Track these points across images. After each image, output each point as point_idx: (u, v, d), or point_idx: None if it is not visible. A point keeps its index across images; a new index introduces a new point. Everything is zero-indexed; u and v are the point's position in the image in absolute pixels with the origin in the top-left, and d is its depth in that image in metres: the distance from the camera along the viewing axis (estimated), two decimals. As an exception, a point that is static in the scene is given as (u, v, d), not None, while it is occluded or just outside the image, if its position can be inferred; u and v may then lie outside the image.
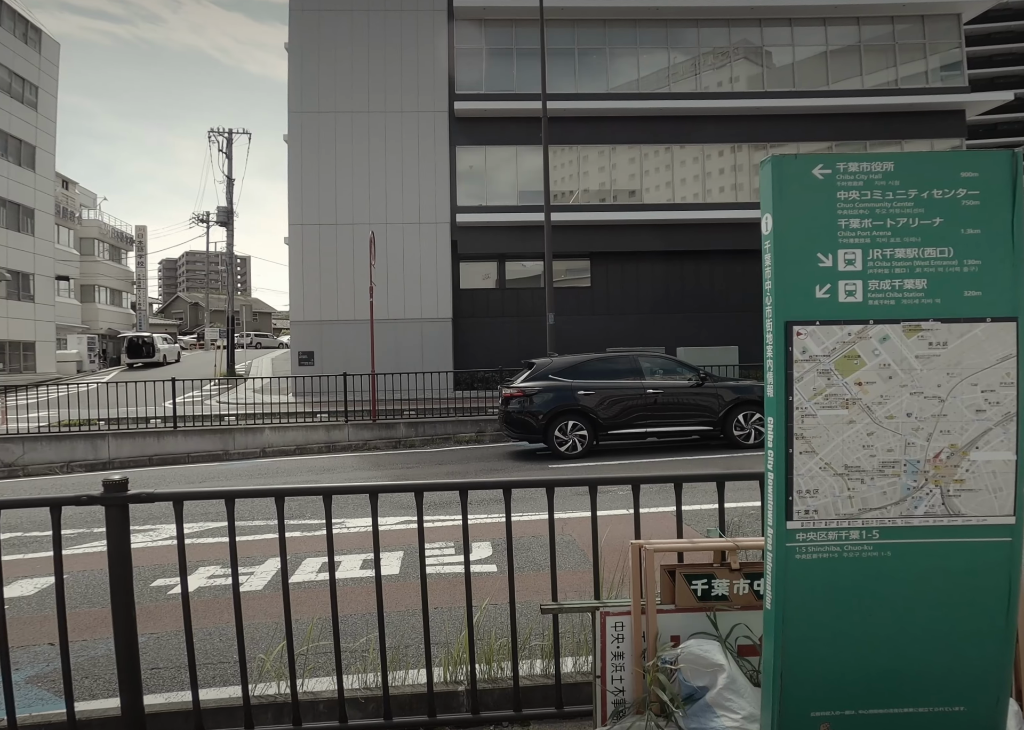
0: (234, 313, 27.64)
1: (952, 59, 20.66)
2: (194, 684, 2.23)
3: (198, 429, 12.11)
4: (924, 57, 20.51)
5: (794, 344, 1.80)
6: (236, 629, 2.27)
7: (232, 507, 2.27)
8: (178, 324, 65.44)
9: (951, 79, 20.54)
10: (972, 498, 1.81)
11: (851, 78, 20.55)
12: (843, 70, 20.57)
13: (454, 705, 2.41)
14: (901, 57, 20.51)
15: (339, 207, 19.76)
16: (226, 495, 2.28)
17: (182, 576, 2.24)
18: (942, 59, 20.65)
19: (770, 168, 1.84)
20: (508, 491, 2.41)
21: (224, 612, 3.88)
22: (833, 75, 20.57)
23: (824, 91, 20.22)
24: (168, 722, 2.31)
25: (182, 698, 2.56)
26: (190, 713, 2.24)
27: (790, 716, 1.77)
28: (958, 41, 20.59)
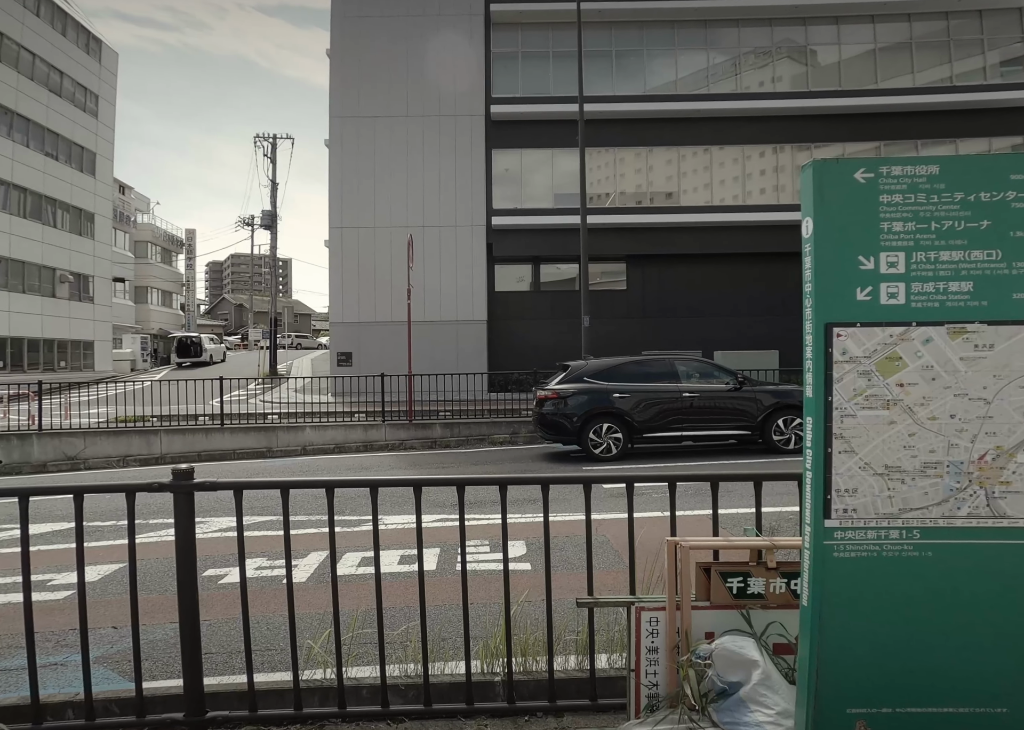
0: (277, 315, 28.36)
1: (1013, 54, 19.85)
2: (249, 667, 2.35)
3: (243, 427, 12.51)
4: (982, 53, 19.79)
5: (834, 345, 1.82)
6: (288, 615, 2.39)
7: (287, 497, 2.39)
8: (224, 325, 67.34)
9: (1012, 75, 19.74)
10: (1019, 500, 1.80)
11: (901, 76, 19.93)
12: (892, 68, 19.98)
13: (490, 695, 2.48)
14: (956, 53, 19.83)
15: (377, 210, 20.09)
16: (281, 486, 2.41)
17: (241, 563, 2.37)
18: (1002, 54, 19.87)
19: (811, 172, 1.87)
20: (546, 487, 2.47)
21: (271, 602, 4.03)
22: (882, 73, 20.00)
23: (872, 90, 19.70)
24: (224, 702, 2.44)
25: (237, 680, 2.69)
26: (244, 694, 2.36)
27: (826, 713, 1.78)
28: (1020, 35, 19.79)
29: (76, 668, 2.34)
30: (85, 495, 2.40)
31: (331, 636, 2.88)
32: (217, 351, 33.90)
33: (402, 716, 2.34)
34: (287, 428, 12.64)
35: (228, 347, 41.56)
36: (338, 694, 2.32)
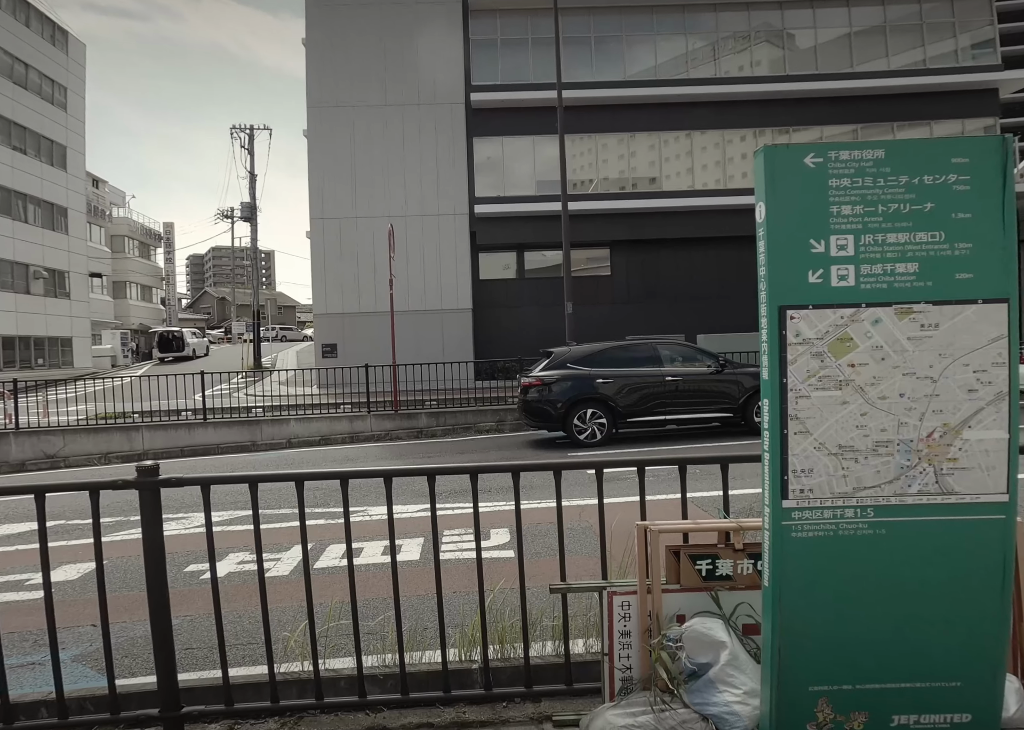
0: (260, 307, 28.13)
1: (984, 37, 20.05)
2: (223, 660, 2.36)
3: (227, 421, 12.45)
4: (954, 36, 19.95)
5: (788, 328, 1.86)
6: (262, 610, 2.39)
7: (255, 491, 2.39)
8: (206, 318, 66.69)
9: (983, 57, 19.93)
10: (965, 476, 1.86)
11: (877, 60, 20.05)
12: (868, 51, 20.08)
13: (468, 682, 2.51)
14: (929, 37, 19.97)
15: (359, 200, 19.94)
16: (249, 480, 2.41)
17: (211, 558, 2.38)
18: (973, 37, 20.06)
19: (763, 158, 1.90)
20: (517, 475, 2.50)
21: (253, 596, 4.03)
22: (858, 57, 20.10)
23: (849, 73, 19.78)
24: (201, 697, 2.44)
25: (214, 675, 2.71)
26: (220, 688, 2.37)
27: (789, 691, 1.83)
28: (990, 18, 19.98)
29: (56, 666, 2.34)
30: (62, 493, 2.38)
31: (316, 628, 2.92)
32: (200, 345, 33.59)
33: (380, 706, 2.37)
34: (271, 421, 12.60)
35: (211, 341, 41.20)
36: (315, 686, 2.35)
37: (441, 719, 2.30)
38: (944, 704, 1.84)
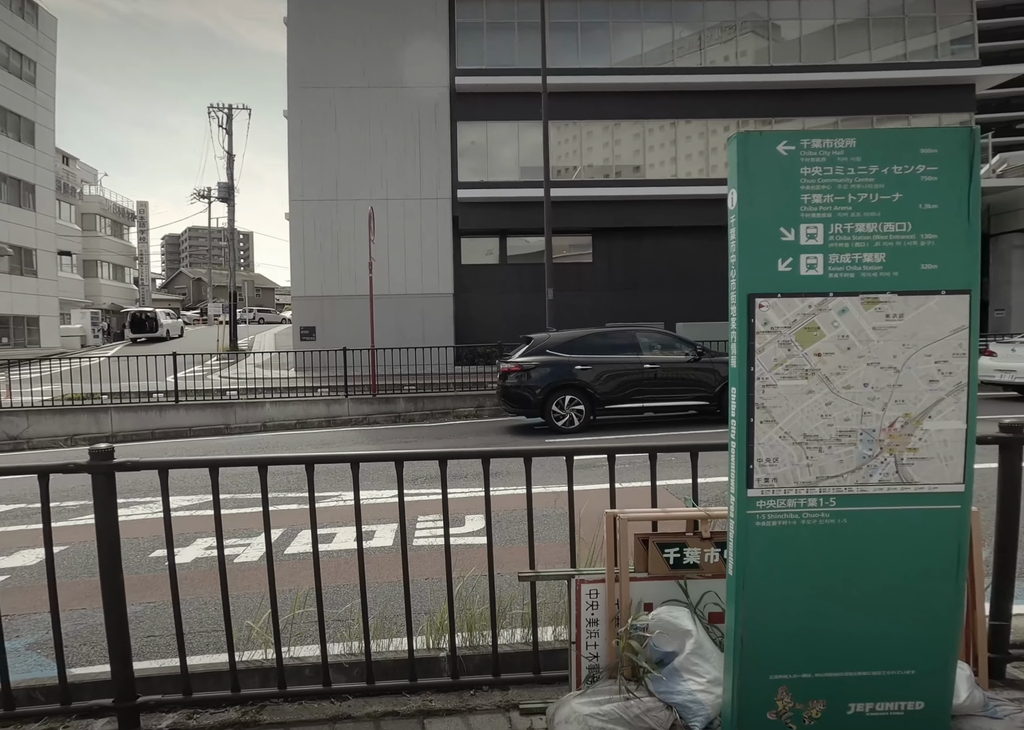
0: (236, 288, 27.68)
1: (963, 32, 20.26)
2: (181, 650, 2.30)
3: (200, 403, 12.26)
4: (934, 31, 20.14)
5: (756, 316, 1.85)
6: (222, 596, 2.34)
7: (216, 476, 2.34)
8: (181, 299, 65.57)
9: (962, 53, 20.16)
10: (924, 466, 1.88)
11: (859, 53, 20.18)
12: (851, 44, 20.20)
13: (435, 671, 2.50)
14: (911, 31, 20.13)
15: (340, 182, 19.68)
16: (210, 464, 2.34)
17: (168, 544, 2.33)
18: (953, 33, 20.26)
19: (736, 144, 1.88)
20: (486, 461, 2.48)
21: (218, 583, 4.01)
22: (841, 49, 20.20)
23: (832, 65, 19.88)
24: (159, 686, 2.38)
25: (173, 664, 2.63)
26: (179, 677, 2.31)
27: (750, 679, 1.85)
28: (969, 14, 20.17)
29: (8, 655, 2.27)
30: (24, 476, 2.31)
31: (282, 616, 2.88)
32: (174, 326, 32.93)
33: (346, 694, 2.35)
34: (246, 404, 12.43)
35: (186, 322, 40.46)
36: (278, 674, 2.31)
37: (407, 707, 2.28)
38: (899, 692, 1.87)
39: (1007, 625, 2.47)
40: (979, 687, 2.07)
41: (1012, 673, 2.48)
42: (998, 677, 2.44)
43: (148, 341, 29.70)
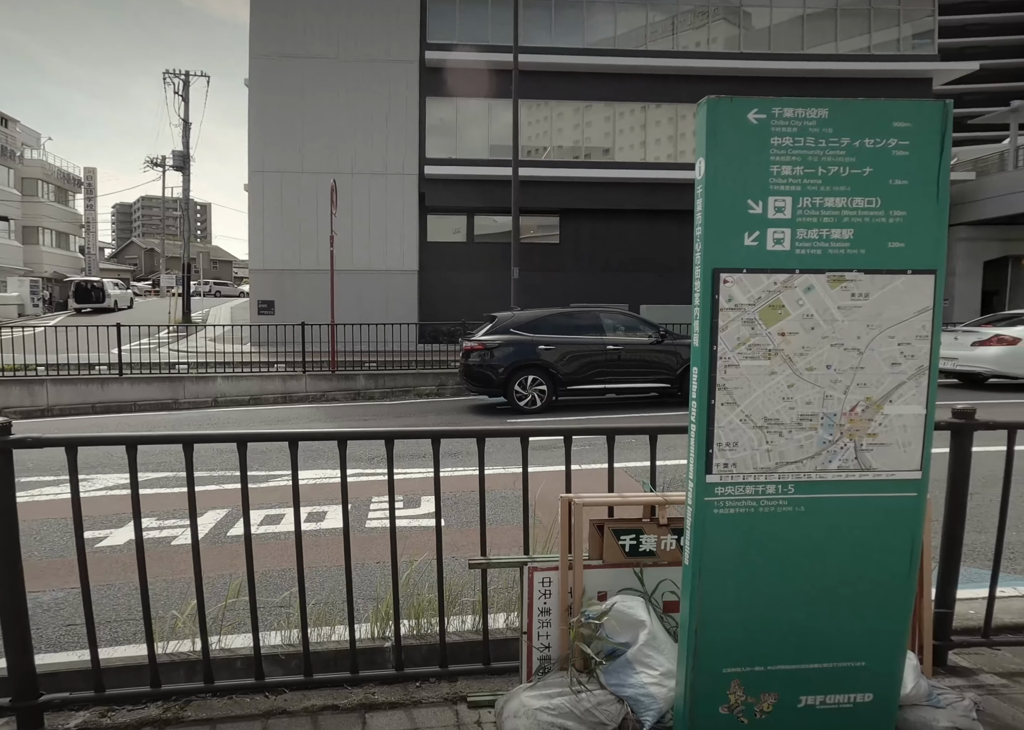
0: (190, 260, 26.68)
1: (924, 27, 20.64)
2: (92, 641, 2.12)
3: (146, 377, 11.73)
4: (898, 24, 20.45)
5: (720, 292, 1.76)
6: (140, 581, 2.16)
7: (134, 454, 2.15)
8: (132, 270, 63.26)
9: (922, 47, 20.55)
10: (883, 452, 1.83)
11: (826, 43, 20.43)
12: (819, 35, 20.44)
13: (380, 662, 2.37)
14: (876, 23, 20.41)
15: (303, 155, 19.14)
16: (127, 441, 2.14)
17: (77, 528, 2.13)
18: (915, 27, 20.63)
19: (705, 110, 1.78)
20: (437, 441, 2.36)
21: (153, 566, 3.76)
22: (809, 40, 20.40)
23: (799, 55, 20.03)
24: (67, 681, 2.19)
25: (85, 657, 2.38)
26: (90, 672, 2.12)
27: (703, 672, 1.79)
28: (931, 8, 20.49)
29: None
30: None
31: (217, 604, 2.72)
32: (123, 297, 31.47)
33: (282, 687, 2.21)
34: (196, 378, 11.95)
35: (136, 293, 38.80)
36: (204, 667, 2.14)
37: (348, 701, 2.15)
38: (848, 684, 1.84)
39: (951, 612, 2.49)
40: (924, 676, 2.07)
41: (953, 660, 2.51)
42: (940, 664, 2.46)
43: (94, 312, 28.36)
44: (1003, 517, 2.53)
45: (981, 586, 2.92)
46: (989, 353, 10.37)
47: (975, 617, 2.71)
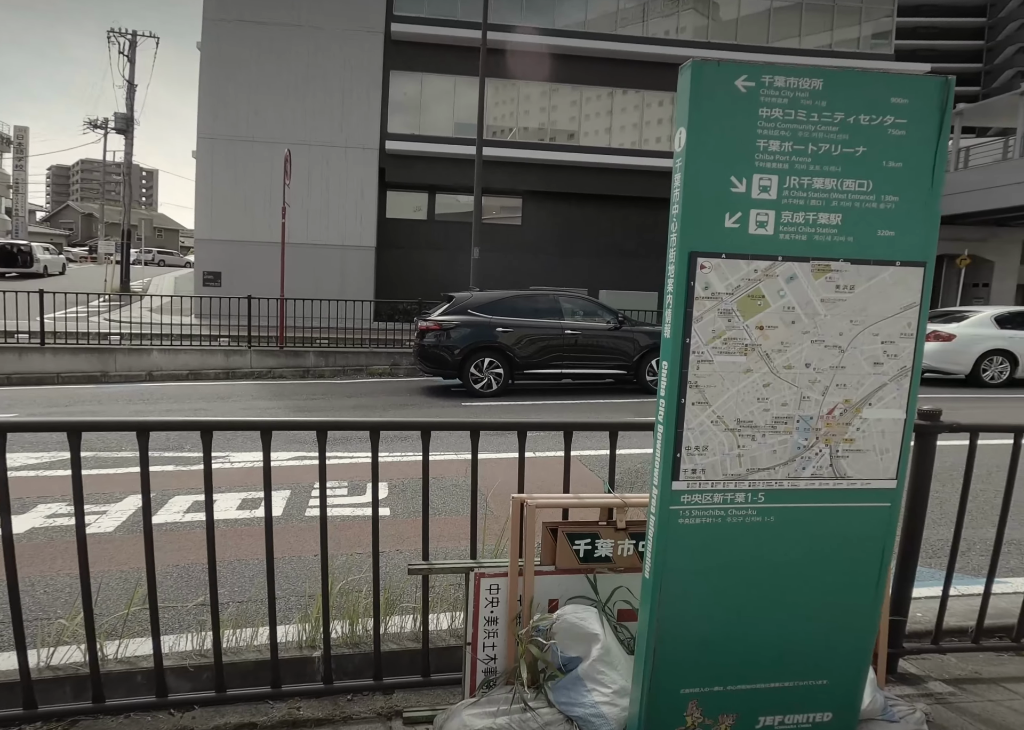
0: (131, 227, 25.28)
1: (883, 27, 21.08)
2: None
3: (71, 347, 10.89)
4: (859, 23, 20.80)
5: (697, 278, 1.58)
6: (7, 579, 1.85)
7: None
8: (67, 235, 59.92)
9: (880, 47, 20.97)
10: (859, 459, 1.70)
11: (790, 38, 20.73)
12: (784, 29, 20.68)
13: (308, 673, 2.14)
14: (838, 21, 20.75)
15: (257, 123, 18.32)
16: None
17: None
18: (875, 26, 21.07)
19: (690, 74, 1.58)
20: (376, 433, 2.13)
21: (58, 558, 3.41)
22: (774, 33, 20.62)
23: (764, 47, 20.19)
24: None
25: None
26: None
27: (660, 694, 1.65)
28: (890, 9, 20.87)
29: None
30: None
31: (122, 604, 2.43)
32: (54, 262, 29.39)
33: (193, 704, 1.95)
34: (129, 350, 11.19)
35: (70, 259, 36.58)
36: (93, 683, 1.86)
37: (268, 718, 1.92)
38: (809, 703, 1.73)
39: (904, 620, 2.42)
40: (880, 689, 1.98)
41: (903, 667, 2.45)
42: (891, 672, 2.39)
43: (20, 277, 26.52)
44: (960, 521, 2.46)
45: (926, 585, 2.89)
46: (926, 349, 10.69)
47: (924, 620, 2.66)
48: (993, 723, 2.12)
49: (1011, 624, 2.57)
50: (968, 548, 3.80)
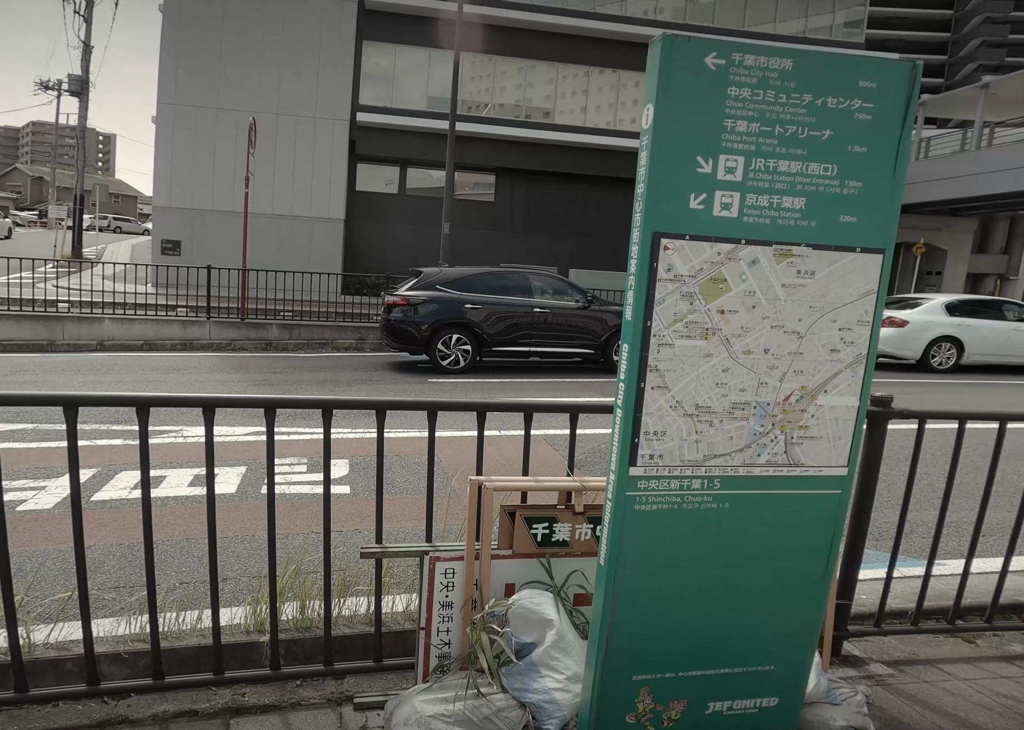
0: (85, 192, 24.20)
1: (856, 16, 21.22)
2: None
3: (15, 314, 10.38)
4: (832, 11, 20.87)
5: (660, 260, 1.55)
6: None
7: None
8: (15, 198, 57.28)
9: (852, 35, 21.12)
10: (813, 446, 1.71)
11: (765, 23, 20.72)
12: (760, 14, 20.69)
13: (255, 658, 2.07)
14: (813, 7, 20.85)
15: (222, 90, 17.64)
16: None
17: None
18: (848, 15, 21.19)
19: (659, 49, 1.53)
20: (329, 411, 2.06)
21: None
22: (750, 18, 20.61)
23: (740, 31, 20.18)
24: None
25: None
26: None
27: (612, 681, 1.65)
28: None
29: None
30: None
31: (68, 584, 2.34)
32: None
33: (129, 692, 1.87)
34: (79, 319, 10.72)
35: (17, 223, 34.94)
36: (16, 670, 1.76)
37: (211, 704, 1.86)
38: (757, 688, 1.75)
39: (850, 604, 2.48)
40: (824, 673, 2.02)
41: (846, 648, 2.51)
42: (835, 653, 2.45)
43: None
44: (905, 505, 2.51)
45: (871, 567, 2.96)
46: None
47: (867, 603, 2.73)
48: (928, 704, 2.19)
49: (948, 606, 2.65)
50: (911, 531, 3.91)
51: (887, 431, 2.47)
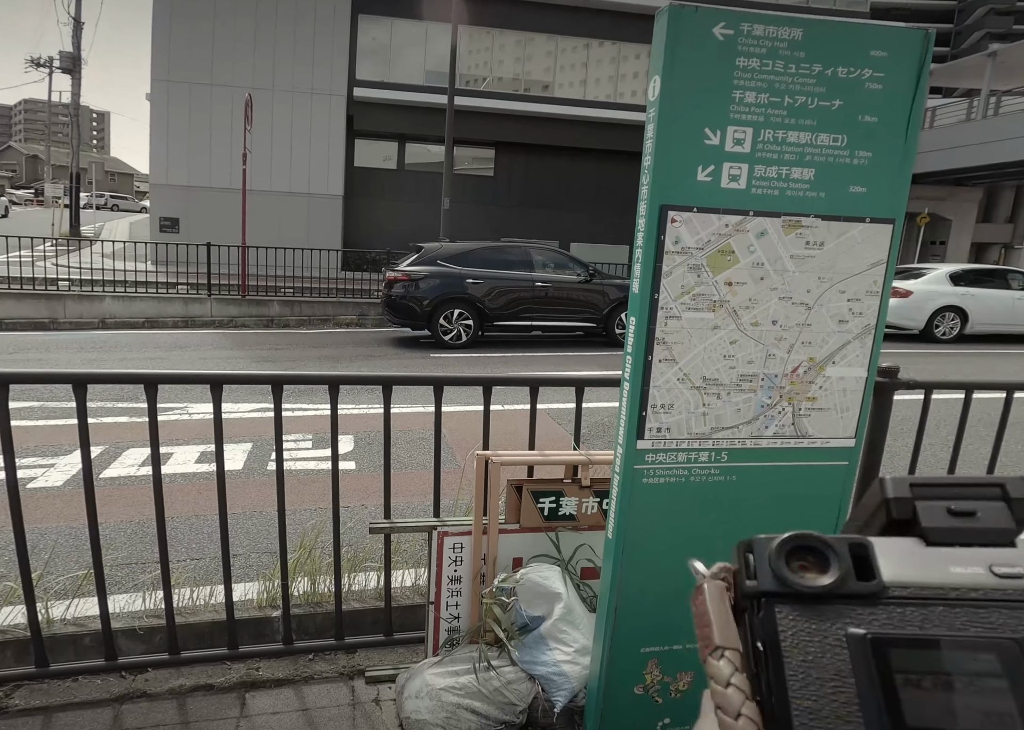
0: (81, 170, 23.95)
1: (859, -17, 20.62)
2: None
3: (15, 292, 10.36)
4: (837, -23, 20.33)
5: (667, 232, 1.54)
6: None
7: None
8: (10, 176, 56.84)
9: (856, 5, 20.58)
10: (821, 418, 1.72)
11: (771, -8, 20.05)
12: (765, -17, 19.98)
13: (268, 634, 2.11)
14: (819, -28, 20.20)
15: (217, 66, 17.33)
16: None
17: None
18: (850, -17, 20.59)
19: (666, 20, 1.50)
20: (335, 387, 2.07)
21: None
22: (756, -12, 19.95)
23: (744, 1, 19.53)
24: None
25: None
26: None
27: (621, 651, 1.68)
28: (868, -34, 20.47)
29: None
30: None
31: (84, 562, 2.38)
32: (-5, 204, 27.91)
33: (146, 666, 1.91)
34: (80, 297, 10.69)
35: (14, 201, 34.67)
36: (36, 647, 1.79)
37: (226, 679, 1.90)
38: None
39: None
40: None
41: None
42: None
43: None
44: (912, 475, 2.53)
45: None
46: None
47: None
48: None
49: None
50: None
51: (892, 403, 2.47)
